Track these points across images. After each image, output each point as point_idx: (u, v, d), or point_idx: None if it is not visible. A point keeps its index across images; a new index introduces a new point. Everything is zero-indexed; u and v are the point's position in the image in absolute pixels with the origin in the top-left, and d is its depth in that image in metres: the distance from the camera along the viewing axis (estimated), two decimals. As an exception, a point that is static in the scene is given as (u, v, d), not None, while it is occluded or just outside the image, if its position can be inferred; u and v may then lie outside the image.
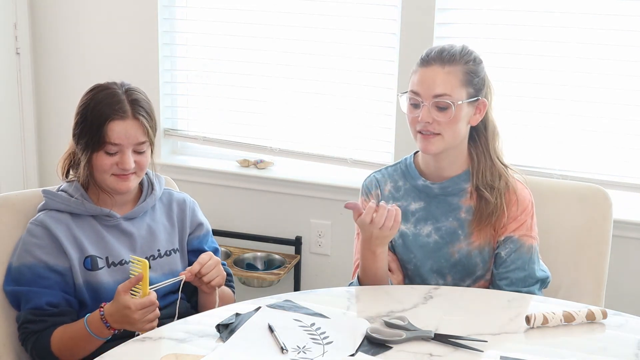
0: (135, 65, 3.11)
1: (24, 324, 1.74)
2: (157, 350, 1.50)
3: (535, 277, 1.87)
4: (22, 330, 1.74)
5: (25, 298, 1.74)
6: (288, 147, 3.07)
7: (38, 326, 1.72)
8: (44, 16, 3.21)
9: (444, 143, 1.84)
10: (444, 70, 1.81)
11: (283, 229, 3.08)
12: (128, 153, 1.75)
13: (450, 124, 1.82)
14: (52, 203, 1.80)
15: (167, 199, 1.93)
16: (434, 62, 1.82)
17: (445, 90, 1.80)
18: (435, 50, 1.85)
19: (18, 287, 1.75)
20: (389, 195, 1.96)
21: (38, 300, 1.72)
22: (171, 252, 1.87)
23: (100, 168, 1.76)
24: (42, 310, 1.72)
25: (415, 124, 1.85)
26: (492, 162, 1.90)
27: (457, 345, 1.51)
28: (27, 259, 1.75)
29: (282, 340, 1.49)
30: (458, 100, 1.81)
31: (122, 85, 1.80)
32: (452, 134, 1.84)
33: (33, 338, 1.73)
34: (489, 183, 1.87)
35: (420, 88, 1.82)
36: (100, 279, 1.76)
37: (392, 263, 1.95)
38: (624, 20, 2.58)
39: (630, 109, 2.65)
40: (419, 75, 1.84)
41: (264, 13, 2.98)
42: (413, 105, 1.85)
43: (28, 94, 3.25)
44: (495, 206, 1.85)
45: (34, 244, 1.76)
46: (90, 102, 1.77)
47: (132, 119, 1.76)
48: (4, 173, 3.19)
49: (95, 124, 1.74)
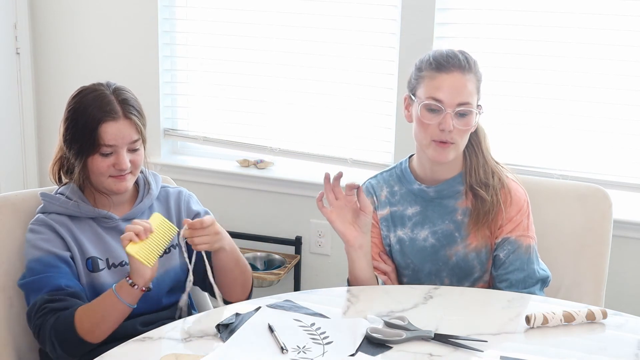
0: (135, 65, 3.11)
1: (43, 304, 1.67)
2: (157, 350, 1.50)
3: (535, 277, 1.87)
4: (41, 312, 1.66)
5: (39, 285, 1.69)
6: (288, 147, 3.07)
7: (59, 304, 1.67)
8: (44, 16, 3.21)
9: (456, 152, 1.84)
10: (465, 77, 1.79)
11: (283, 229, 3.08)
12: (123, 153, 1.75)
13: (465, 132, 1.82)
14: (50, 206, 1.80)
15: (164, 197, 1.93)
16: (454, 70, 1.78)
17: (468, 99, 1.79)
18: (449, 56, 1.80)
19: (31, 277, 1.71)
20: (385, 200, 1.96)
21: (55, 282, 1.69)
22: (170, 249, 1.87)
23: (96, 171, 1.75)
24: (62, 290, 1.68)
25: (430, 131, 1.80)
26: (484, 159, 1.89)
27: (457, 345, 1.51)
28: (34, 253, 1.73)
29: (282, 340, 1.49)
30: (474, 108, 1.81)
31: (109, 86, 1.79)
32: (464, 142, 1.84)
33: (54, 317, 1.66)
34: (483, 181, 1.87)
35: (444, 95, 1.77)
36: (101, 280, 1.76)
37: (391, 274, 1.95)
38: (624, 20, 2.58)
39: (630, 109, 2.65)
40: (440, 81, 1.78)
41: (264, 13, 2.98)
42: (430, 111, 1.80)
43: (28, 94, 3.25)
44: (492, 204, 1.85)
45: (38, 239, 1.75)
46: (79, 106, 1.75)
47: (124, 119, 1.75)
48: (4, 173, 3.19)
49: (87, 128, 1.72)
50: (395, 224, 1.94)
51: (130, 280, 1.65)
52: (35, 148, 3.31)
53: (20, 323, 1.81)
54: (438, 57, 1.82)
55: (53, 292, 1.68)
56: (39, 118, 3.31)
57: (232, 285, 1.85)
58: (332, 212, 1.83)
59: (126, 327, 1.73)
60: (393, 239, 1.94)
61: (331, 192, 1.82)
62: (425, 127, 1.81)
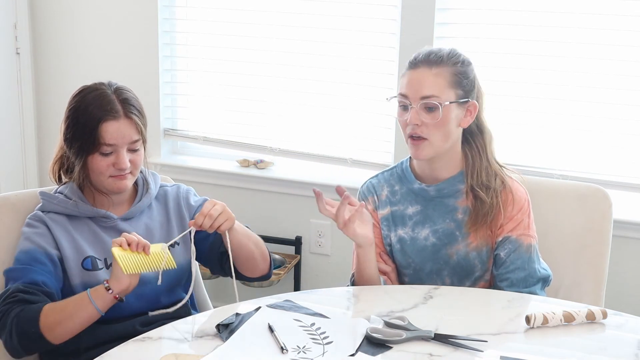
0: (135, 65, 3.11)
1: (14, 292, 1.65)
2: (157, 350, 1.50)
3: (536, 276, 1.87)
4: (9, 299, 1.65)
5: (18, 274, 1.69)
6: (288, 147, 3.07)
7: (30, 297, 1.65)
8: (44, 16, 3.22)
9: (432, 148, 1.83)
10: (432, 72, 1.81)
11: (283, 229, 3.08)
12: (123, 153, 1.75)
13: (437, 127, 1.81)
14: (49, 205, 1.80)
15: (162, 196, 1.92)
16: (422, 65, 1.82)
17: (433, 92, 1.80)
18: (423, 53, 1.85)
19: (15, 266, 1.72)
20: (385, 200, 1.96)
21: (35, 276, 1.68)
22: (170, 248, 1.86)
23: (96, 170, 1.76)
24: (38, 286, 1.67)
25: (405, 127, 1.84)
26: (488, 162, 1.89)
27: (457, 345, 1.51)
28: (25, 245, 1.74)
29: (282, 340, 1.49)
30: (446, 101, 1.81)
31: (110, 85, 1.79)
32: (441, 138, 1.83)
33: (19, 307, 1.63)
34: (485, 183, 1.87)
35: (408, 90, 1.82)
36: (98, 279, 1.75)
37: (391, 274, 1.95)
38: (624, 20, 2.58)
39: (630, 109, 2.65)
40: (407, 77, 1.84)
41: (264, 13, 2.99)
42: (402, 108, 1.85)
43: (28, 94, 3.25)
44: (491, 206, 1.85)
45: (32, 233, 1.76)
46: (80, 105, 1.76)
47: (125, 118, 1.75)
48: (4, 173, 3.20)
49: (88, 127, 1.73)
50: (396, 224, 1.94)
51: (107, 284, 1.64)
52: (35, 148, 3.31)
53: (20, 323, 1.81)
54: (413, 56, 1.86)
55: (29, 285, 1.67)
56: (39, 118, 3.31)
57: (252, 259, 1.85)
58: (353, 225, 1.79)
59: (126, 327, 1.73)
60: (394, 238, 1.94)
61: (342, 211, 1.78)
62: (402, 125, 1.86)
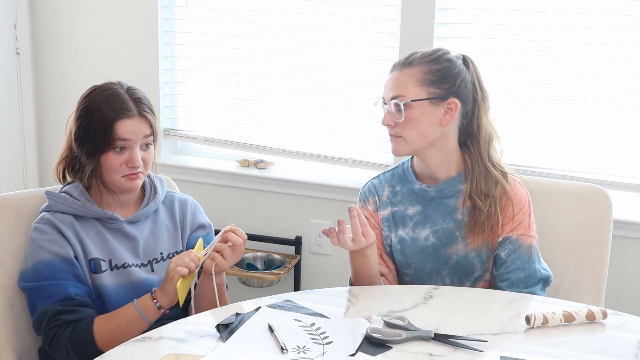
0: (135, 65, 3.11)
1: (56, 315, 1.68)
2: (157, 350, 1.50)
3: (537, 276, 1.87)
4: (53, 323, 1.68)
5: (48, 292, 1.70)
6: (288, 147, 3.07)
7: (73, 316, 1.68)
8: (44, 16, 3.21)
9: (408, 145, 1.87)
10: (402, 73, 1.87)
11: (283, 229, 3.08)
12: (136, 149, 1.75)
13: (408, 125, 1.84)
14: (55, 205, 1.79)
15: (169, 201, 1.93)
16: (396, 68, 1.90)
17: (398, 92, 1.85)
18: (403, 57, 1.90)
19: (38, 282, 1.71)
20: (387, 200, 1.97)
21: (65, 291, 1.69)
22: (174, 255, 1.87)
23: (110, 169, 1.75)
24: (73, 300, 1.69)
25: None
26: (486, 169, 1.89)
27: (457, 345, 1.51)
28: (41, 255, 1.73)
29: (282, 340, 1.49)
30: (409, 99, 1.82)
31: (122, 85, 1.80)
32: (415, 135, 1.85)
33: (69, 329, 1.67)
34: (484, 191, 1.87)
35: (383, 92, 1.90)
36: (102, 281, 1.76)
37: (389, 275, 1.95)
38: (624, 20, 2.58)
39: (630, 109, 2.65)
40: (385, 81, 1.91)
41: (264, 13, 2.99)
42: (383, 110, 1.91)
43: (28, 94, 3.25)
44: (489, 214, 1.86)
45: (45, 240, 1.74)
46: (93, 104, 1.76)
47: (139, 117, 1.76)
48: (4, 173, 3.20)
49: (102, 125, 1.73)
50: (397, 224, 1.94)
51: (157, 302, 1.70)
52: (35, 148, 3.31)
53: (21, 323, 1.82)
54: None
55: (64, 302, 1.69)
56: (39, 118, 3.31)
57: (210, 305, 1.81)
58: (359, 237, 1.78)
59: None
60: (394, 238, 1.94)
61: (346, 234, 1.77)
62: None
